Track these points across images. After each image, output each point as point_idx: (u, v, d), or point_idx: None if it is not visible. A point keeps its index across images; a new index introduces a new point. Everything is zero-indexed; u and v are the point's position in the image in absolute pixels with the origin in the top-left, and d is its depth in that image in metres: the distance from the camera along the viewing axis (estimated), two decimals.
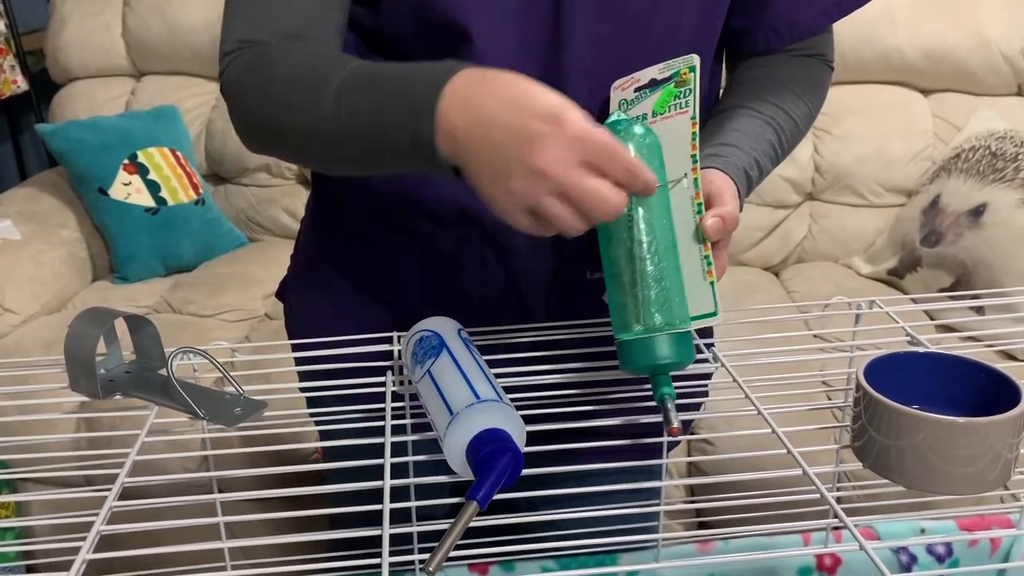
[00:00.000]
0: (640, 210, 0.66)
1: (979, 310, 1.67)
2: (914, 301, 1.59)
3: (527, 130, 0.58)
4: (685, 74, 0.71)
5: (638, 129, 0.67)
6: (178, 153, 2.16)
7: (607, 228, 0.67)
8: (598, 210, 0.59)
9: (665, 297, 0.65)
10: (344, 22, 0.78)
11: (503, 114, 0.59)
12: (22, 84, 2.56)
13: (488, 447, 0.56)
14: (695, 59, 0.70)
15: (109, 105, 2.30)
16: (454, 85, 0.61)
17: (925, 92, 2.10)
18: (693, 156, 0.69)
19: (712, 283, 0.68)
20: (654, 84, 0.72)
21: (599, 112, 0.77)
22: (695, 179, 0.69)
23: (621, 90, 0.75)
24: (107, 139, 2.09)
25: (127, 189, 2.07)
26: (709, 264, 0.68)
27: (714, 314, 0.68)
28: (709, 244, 0.68)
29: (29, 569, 1.71)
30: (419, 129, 0.61)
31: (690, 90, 0.70)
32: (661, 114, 0.71)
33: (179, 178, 2.13)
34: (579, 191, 0.58)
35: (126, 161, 2.08)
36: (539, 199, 0.59)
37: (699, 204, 0.68)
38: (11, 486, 1.67)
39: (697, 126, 0.69)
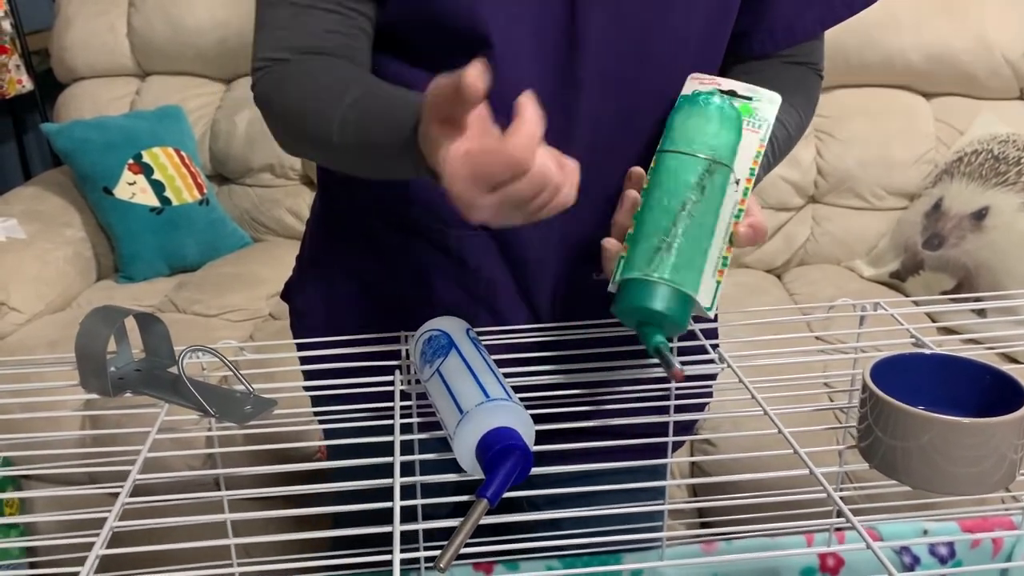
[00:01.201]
0: (711, 177, 0.68)
1: (981, 313, 1.68)
2: (916, 304, 1.60)
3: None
4: (764, 103, 0.75)
5: (716, 99, 0.71)
6: (182, 153, 2.17)
7: (673, 171, 0.69)
8: (543, 199, 0.59)
9: (686, 259, 0.66)
10: (369, 31, 0.80)
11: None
12: (27, 84, 2.57)
13: (498, 445, 0.57)
14: (778, 97, 0.75)
15: (114, 105, 2.31)
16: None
17: (928, 96, 2.11)
18: (752, 170, 0.72)
19: (719, 283, 0.69)
20: (734, 95, 0.75)
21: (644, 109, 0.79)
22: (747, 188, 0.72)
23: (699, 83, 0.76)
24: (112, 139, 2.10)
25: (132, 189, 2.08)
26: (725, 264, 0.69)
27: (709, 308, 0.69)
28: (731, 247, 0.70)
29: (32, 566, 1.71)
30: (410, 165, 0.65)
31: (767, 121, 0.74)
32: None
33: (183, 178, 2.14)
34: (501, 202, 0.58)
35: (131, 161, 2.09)
36: (494, 218, 0.59)
37: (741, 210, 0.71)
38: (16, 484, 1.68)
39: (764, 148, 0.73)
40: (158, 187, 2.10)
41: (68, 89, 2.37)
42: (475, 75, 0.54)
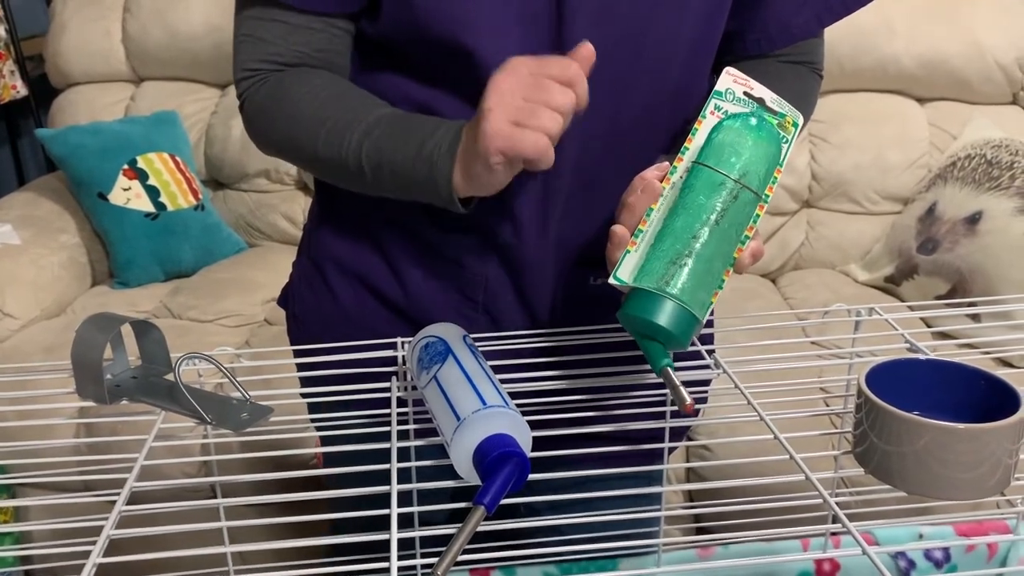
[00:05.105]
0: (741, 203, 0.66)
1: (975, 317, 1.68)
2: (911, 308, 1.60)
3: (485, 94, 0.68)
4: (788, 124, 0.72)
5: (767, 123, 0.69)
6: (177, 158, 2.17)
7: (709, 188, 0.67)
8: (555, 98, 0.67)
9: (700, 280, 0.65)
10: (350, 47, 0.83)
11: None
12: (21, 89, 2.56)
13: (495, 452, 0.57)
14: (800, 117, 0.74)
15: (109, 110, 2.30)
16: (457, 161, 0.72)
17: (921, 100, 2.12)
18: (767, 196, 0.69)
19: (711, 303, 0.67)
20: (761, 104, 0.73)
21: (615, 116, 0.79)
22: (758, 215, 0.69)
23: (733, 80, 0.74)
24: (107, 144, 2.09)
25: (127, 194, 2.07)
26: (720, 287, 0.67)
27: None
28: (730, 271, 0.68)
29: (27, 574, 1.71)
30: (440, 194, 0.74)
31: (787, 140, 0.72)
32: None
33: (178, 183, 2.14)
34: (536, 80, 0.67)
35: (126, 166, 2.09)
36: (515, 100, 0.67)
37: (747, 236, 0.68)
38: (10, 491, 1.67)
39: (780, 174, 0.70)
40: (153, 192, 2.10)
41: (63, 94, 2.37)
42: None
